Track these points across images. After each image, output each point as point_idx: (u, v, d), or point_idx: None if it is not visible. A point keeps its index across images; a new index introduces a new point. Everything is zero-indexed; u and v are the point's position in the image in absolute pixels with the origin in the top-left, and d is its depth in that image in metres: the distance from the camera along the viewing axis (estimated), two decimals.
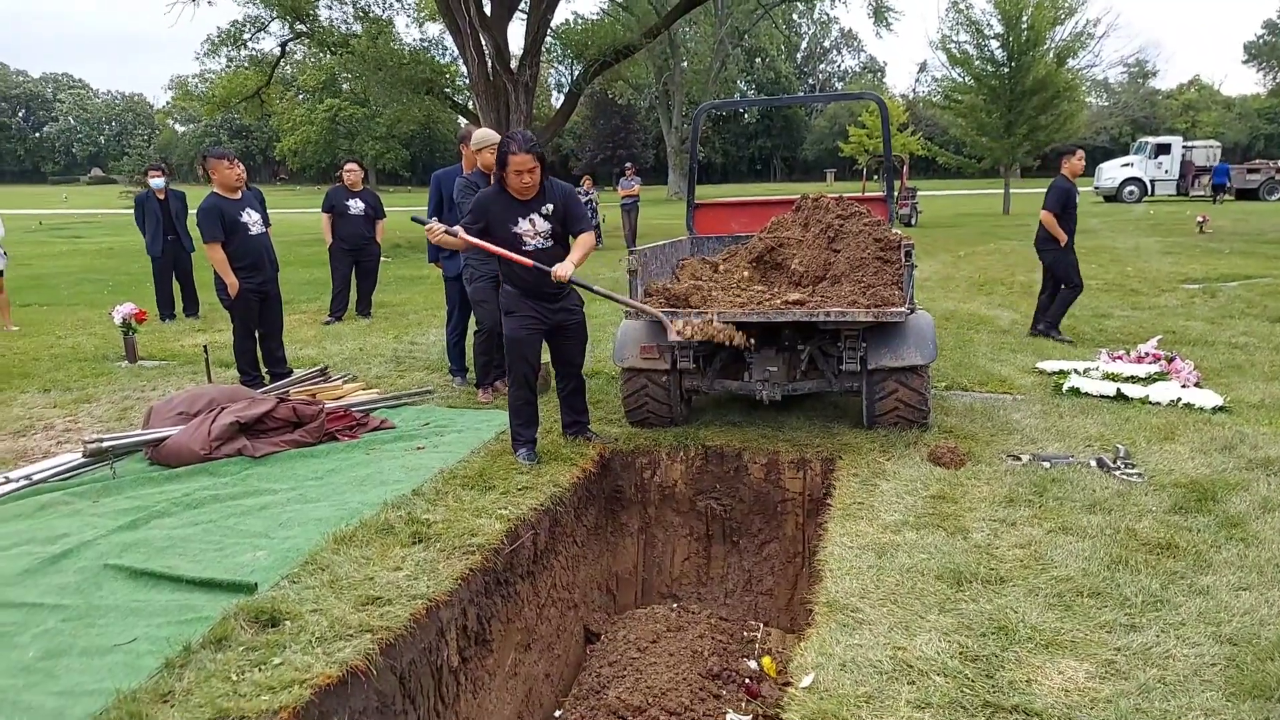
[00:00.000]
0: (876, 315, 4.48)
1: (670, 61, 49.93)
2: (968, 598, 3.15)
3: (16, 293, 11.37)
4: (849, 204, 5.53)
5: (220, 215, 6.09)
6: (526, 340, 4.63)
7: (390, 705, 2.92)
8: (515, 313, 4.60)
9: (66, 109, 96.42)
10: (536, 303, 4.60)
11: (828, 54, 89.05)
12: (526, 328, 4.60)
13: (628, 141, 66.14)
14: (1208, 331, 7.84)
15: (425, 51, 24.93)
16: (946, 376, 6.33)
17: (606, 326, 8.30)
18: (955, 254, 15.59)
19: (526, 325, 4.60)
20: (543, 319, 4.64)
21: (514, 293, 4.61)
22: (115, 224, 30.82)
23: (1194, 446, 4.73)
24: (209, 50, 23.40)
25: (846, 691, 2.61)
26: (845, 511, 4.00)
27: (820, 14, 73.97)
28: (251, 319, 6.38)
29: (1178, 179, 33.49)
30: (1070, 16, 24.81)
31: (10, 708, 2.49)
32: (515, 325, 4.61)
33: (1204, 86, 73.12)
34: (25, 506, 4.14)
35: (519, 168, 4.35)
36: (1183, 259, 13.77)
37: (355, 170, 9.84)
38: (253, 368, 6.44)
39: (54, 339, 8.77)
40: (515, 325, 4.61)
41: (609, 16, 28.69)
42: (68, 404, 6.19)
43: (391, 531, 3.72)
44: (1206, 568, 3.34)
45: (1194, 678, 2.63)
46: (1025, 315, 8.94)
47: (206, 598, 3.13)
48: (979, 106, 26.06)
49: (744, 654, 4.27)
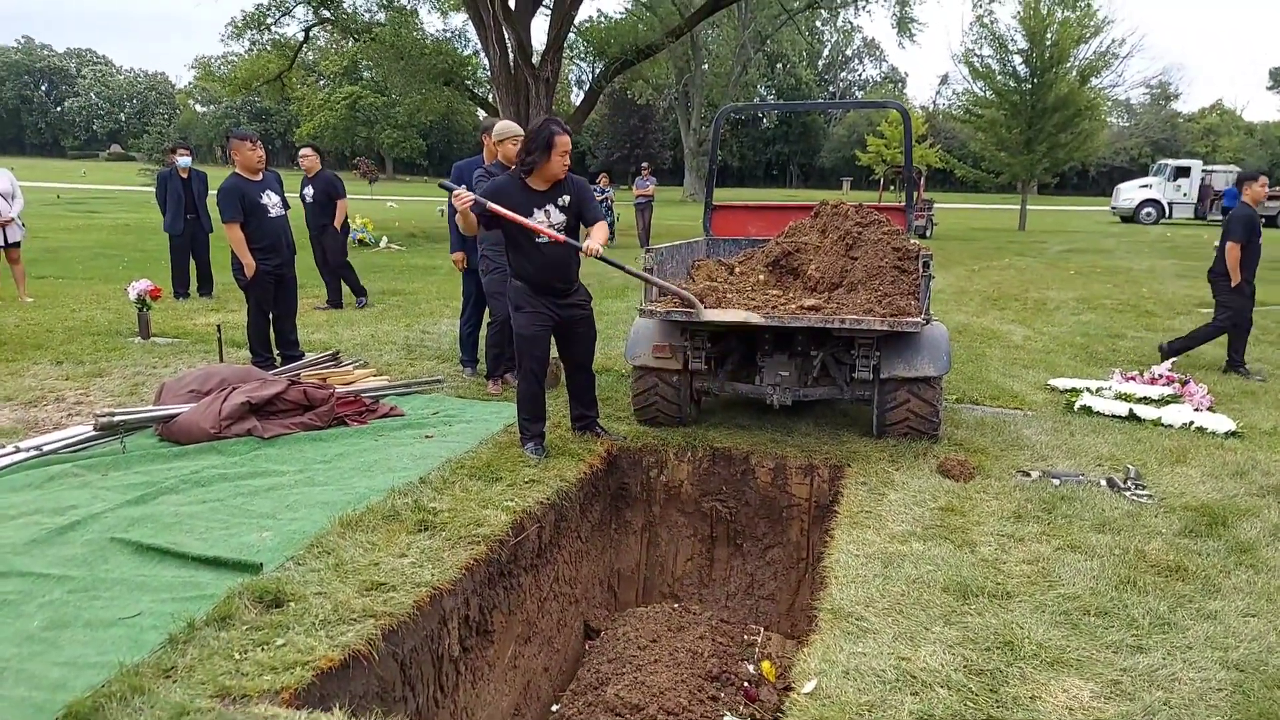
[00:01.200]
0: (892, 324, 4.46)
1: (691, 63, 49.88)
2: (973, 611, 3.13)
3: (33, 265, 11.42)
4: (868, 212, 5.51)
5: (240, 196, 6.11)
6: (536, 335, 4.62)
7: (390, 691, 2.92)
8: (524, 308, 4.60)
9: (89, 85, 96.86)
10: (546, 298, 4.60)
11: (849, 62, 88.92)
12: (536, 323, 4.60)
13: (645, 141, 66.13)
14: (1221, 356, 7.79)
15: (447, 42, 24.91)
16: (958, 390, 6.31)
17: (618, 324, 8.31)
18: (969, 268, 15.55)
19: (536, 321, 4.60)
20: (552, 314, 4.64)
21: (522, 288, 4.60)
22: (133, 201, 30.97)
23: (1205, 470, 4.70)
24: (233, 33, 23.44)
25: (849, 699, 2.59)
26: (852, 520, 3.98)
27: (843, 22, 73.71)
28: (267, 301, 6.40)
29: (1196, 202, 33.32)
30: (1095, 35, 24.75)
31: (14, 676, 2.50)
32: (524, 321, 4.61)
33: (1226, 111, 72.73)
34: (34, 477, 4.15)
35: (565, 148, 4.42)
36: (1198, 283, 13.61)
37: (310, 155, 9.73)
38: (265, 349, 6.46)
39: (68, 312, 8.81)
40: (524, 321, 4.61)
41: (632, 15, 28.65)
42: (80, 377, 6.21)
43: (398, 518, 3.72)
44: (1215, 592, 3.31)
45: (1199, 702, 2.61)
46: (1038, 332, 8.92)
47: (211, 575, 3.14)
48: (999, 121, 26.00)
49: (743, 657, 4.26)
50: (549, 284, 4.58)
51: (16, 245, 9.30)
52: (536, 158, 4.41)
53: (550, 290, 4.60)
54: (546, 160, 4.41)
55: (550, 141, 4.37)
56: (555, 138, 4.37)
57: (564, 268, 4.62)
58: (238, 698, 2.42)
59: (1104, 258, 18.12)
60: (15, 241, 9.26)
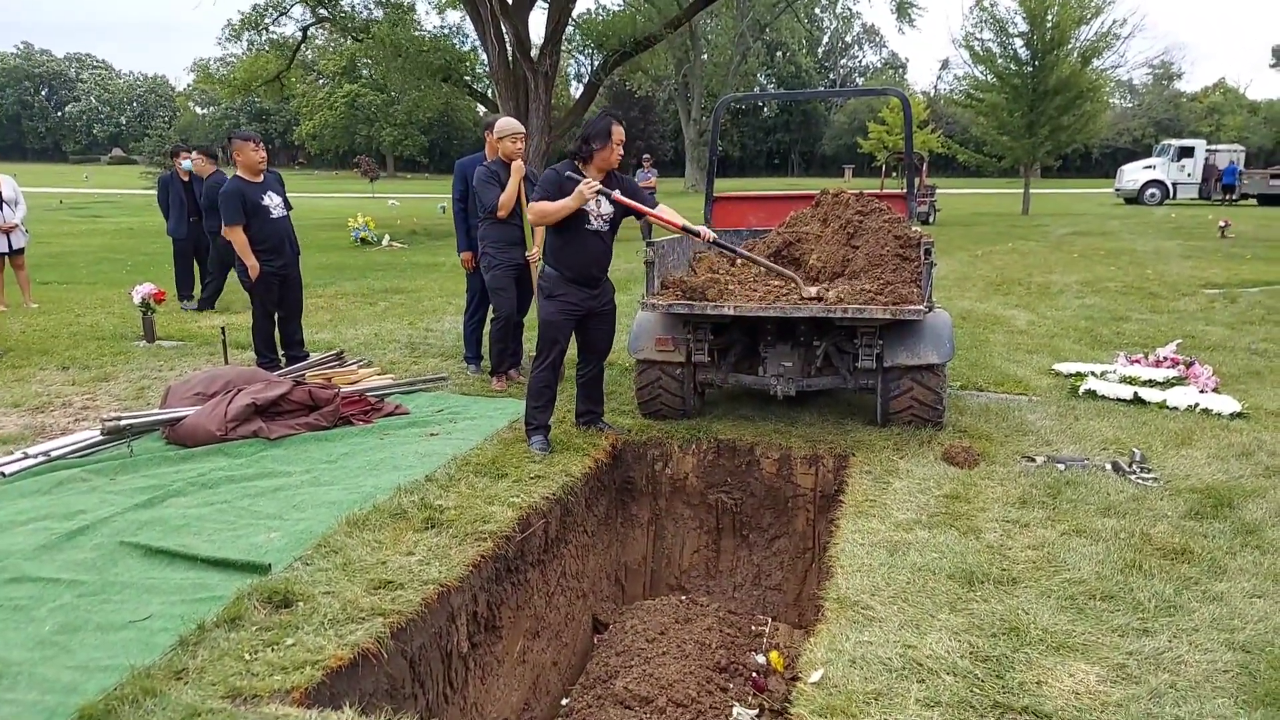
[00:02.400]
0: (894, 313, 4.46)
1: (690, 54, 49.72)
2: (979, 598, 3.14)
3: (37, 270, 11.46)
4: (869, 200, 5.49)
5: (242, 198, 6.12)
6: (563, 324, 4.73)
7: (400, 688, 2.94)
8: (556, 296, 4.69)
9: (88, 89, 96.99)
10: (580, 287, 4.71)
11: (849, 49, 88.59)
12: (564, 312, 4.70)
13: (646, 133, 65.94)
14: (1227, 337, 7.77)
15: (445, 38, 24.87)
16: (962, 376, 6.30)
17: (622, 318, 8.30)
18: (972, 253, 15.50)
19: (565, 309, 4.70)
20: (581, 304, 4.74)
21: (559, 277, 4.69)
22: (135, 204, 31.02)
23: (1211, 452, 4.69)
24: (230, 34, 23.44)
25: (855, 688, 2.60)
26: (857, 508, 3.99)
27: (842, 8, 73.38)
28: (271, 302, 6.41)
29: (1200, 182, 33.16)
30: (1096, 16, 24.57)
31: (27, 680, 2.52)
32: (554, 309, 4.70)
33: (1229, 90, 72.21)
34: (43, 482, 4.18)
35: (620, 138, 4.61)
36: (1203, 263, 13.64)
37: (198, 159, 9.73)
38: (270, 350, 6.48)
39: (73, 317, 8.84)
40: (554, 309, 4.70)
41: (630, 7, 28.61)
42: (86, 382, 6.24)
43: (404, 516, 3.74)
44: (1221, 574, 3.32)
45: (1206, 684, 2.61)
46: (1042, 316, 8.90)
47: (220, 577, 3.16)
48: (1001, 105, 25.84)
49: (751, 648, 4.27)
50: (588, 273, 4.71)
51: (20, 251, 9.34)
52: (595, 146, 4.55)
53: (588, 280, 4.72)
54: (605, 148, 4.56)
55: (609, 130, 4.55)
56: (614, 127, 4.57)
57: (605, 257, 4.79)
58: (249, 698, 2.44)
59: (1108, 240, 18.05)
60: (19, 248, 9.29)
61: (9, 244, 9.14)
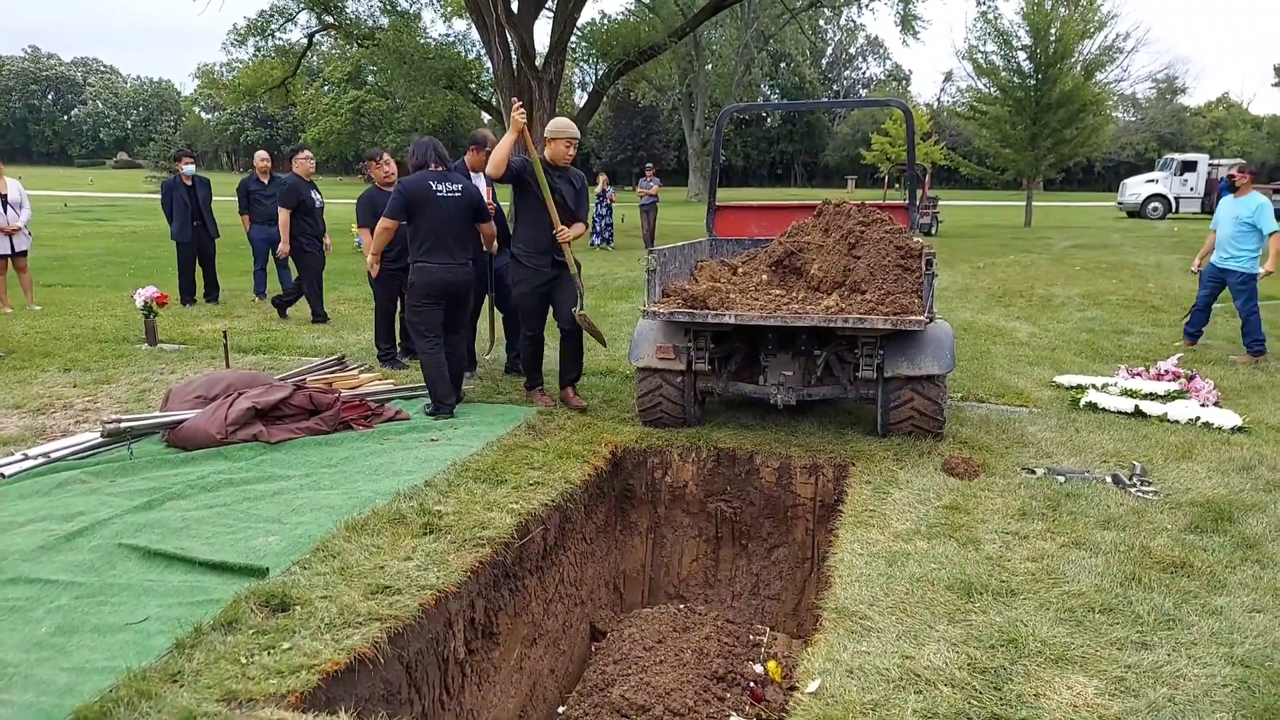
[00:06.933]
0: (895, 323, 4.46)
1: (694, 64, 49.81)
2: (977, 609, 3.13)
3: (40, 273, 11.49)
4: (871, 210, 5.51)
5: (372, 204, 6.90)
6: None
7: (396, 694, 2.93)
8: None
9: (95, 93, 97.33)
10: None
11: (853, 61, 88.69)
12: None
13: (649, 143, 66.00)
14: (1228, 351, 7.77)
15: (451, 46, 24.98)
16: (962, 387, 6.30)
17: (623, 325, 8.31)
18: (975, 265, 15.51)
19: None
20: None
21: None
22: (139, 208, 31.09)
23: (1211, 466, 4.68)
24: (236, 40, 23.55)
25: (853, 698, 2.60)
26: (857, 518, 3.98)
27: (847, 20, 73.55)
28: (393, 298, 6.88)
29: (1203, 197, 33.13)
30: (1100, 30, 24.66)
31: (23, 682, 2.52)
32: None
33: (1232, 105, 72.33)
34: (43, 484, 4.18)
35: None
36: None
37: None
38: (388, 341, 7.03)
39: (75, 319, 8.86)
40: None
41: (635, 17, 28.71)
42: (87, 384, 6.25)
43: (403, 521, 3.73)
44: (1220, 588, 3.31)
45: (1204, 698, 2.60)
46: (1043, 328, 8.90)
47: (218, 580, 3.16)
48: (1004, 118, 25.90)
49: (749, 657, 4.26)
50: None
51: (23, 254, 9.36)
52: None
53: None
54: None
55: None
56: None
57: None
58: (244, 701, 2.44)
59: (1110, 253, 18.05)
60: (22, 250, 9.32)
61: (12, 246, 9.16)
